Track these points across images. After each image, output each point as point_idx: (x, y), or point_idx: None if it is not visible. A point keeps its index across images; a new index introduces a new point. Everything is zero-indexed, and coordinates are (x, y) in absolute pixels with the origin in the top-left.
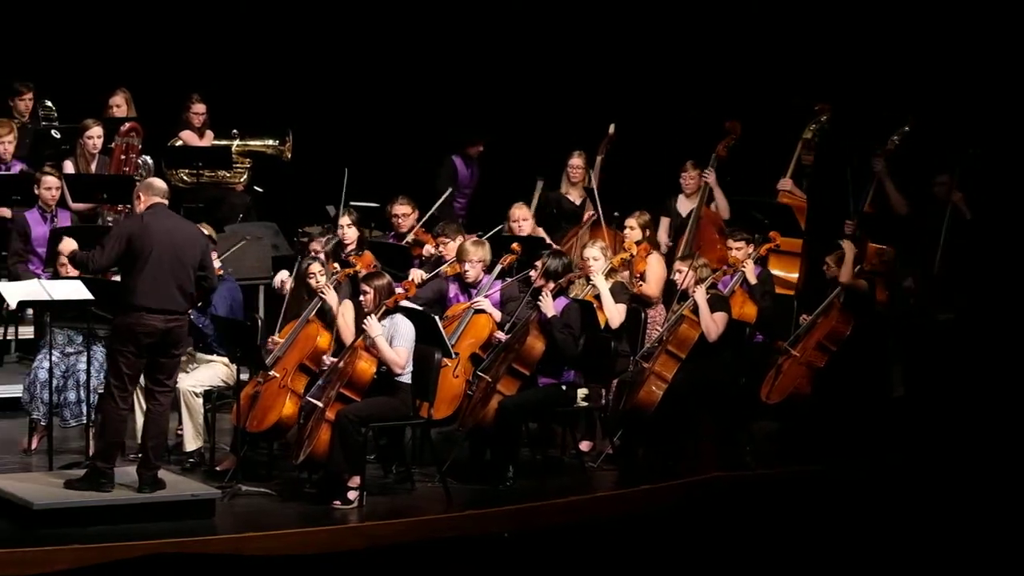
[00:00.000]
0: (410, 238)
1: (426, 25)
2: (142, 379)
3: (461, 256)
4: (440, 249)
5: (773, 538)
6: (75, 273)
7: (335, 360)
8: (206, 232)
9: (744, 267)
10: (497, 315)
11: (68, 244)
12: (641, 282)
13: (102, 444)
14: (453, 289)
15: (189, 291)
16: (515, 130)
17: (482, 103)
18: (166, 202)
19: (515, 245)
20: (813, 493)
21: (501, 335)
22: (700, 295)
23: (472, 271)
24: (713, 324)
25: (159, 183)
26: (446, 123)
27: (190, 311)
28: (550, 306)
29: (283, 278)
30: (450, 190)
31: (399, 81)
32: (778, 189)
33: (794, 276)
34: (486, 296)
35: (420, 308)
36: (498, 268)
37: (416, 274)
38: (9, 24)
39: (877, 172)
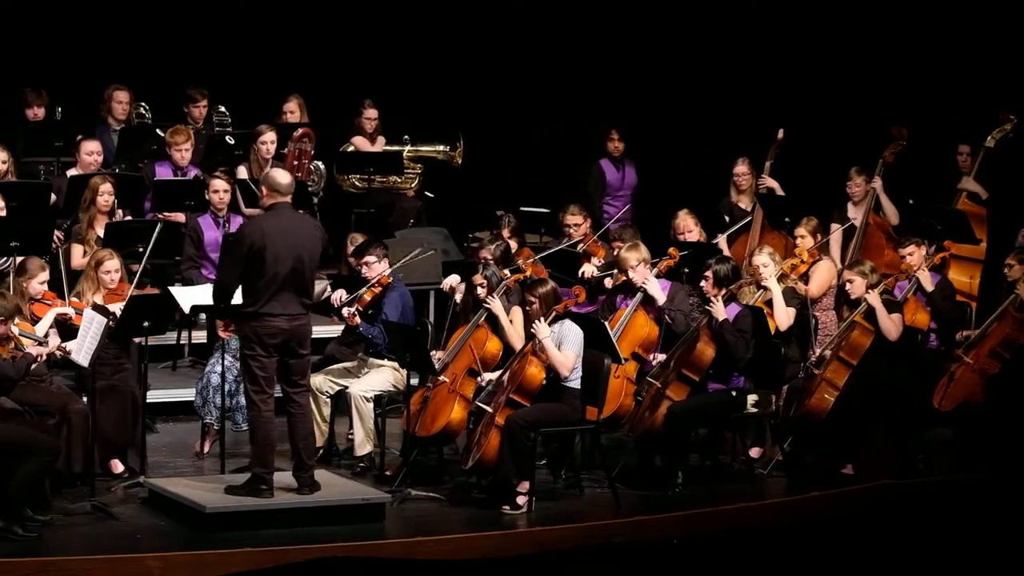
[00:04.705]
0: (581, 248)
1: (592, 28)
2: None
3: (622, 266)
4: (615, 254)
5: (944, 546)
6: None
7: (497, 374)
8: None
9: (919, 273)
10: (661, 298)
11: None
12: (804, 285)
13: (255, 449)
14: (619, 298)
15: (310, 292)
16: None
17: (656, 109)
18: (288, 199)
19: (672, 250)
20: (985, 501)
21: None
22: (875, 299)
23: (637, 275)
24: (892, 324)
25: (282, 178)
26: (598, 128)
27: (359, 323)
28: (721, 310)
29: (452, 283)
30: (627, 206)
31: (565, 86)
32: (960, 189)
33: (973, 282)
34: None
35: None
36: (654, 272)
37: (588, 269)
38: (185, 32)
39: None
